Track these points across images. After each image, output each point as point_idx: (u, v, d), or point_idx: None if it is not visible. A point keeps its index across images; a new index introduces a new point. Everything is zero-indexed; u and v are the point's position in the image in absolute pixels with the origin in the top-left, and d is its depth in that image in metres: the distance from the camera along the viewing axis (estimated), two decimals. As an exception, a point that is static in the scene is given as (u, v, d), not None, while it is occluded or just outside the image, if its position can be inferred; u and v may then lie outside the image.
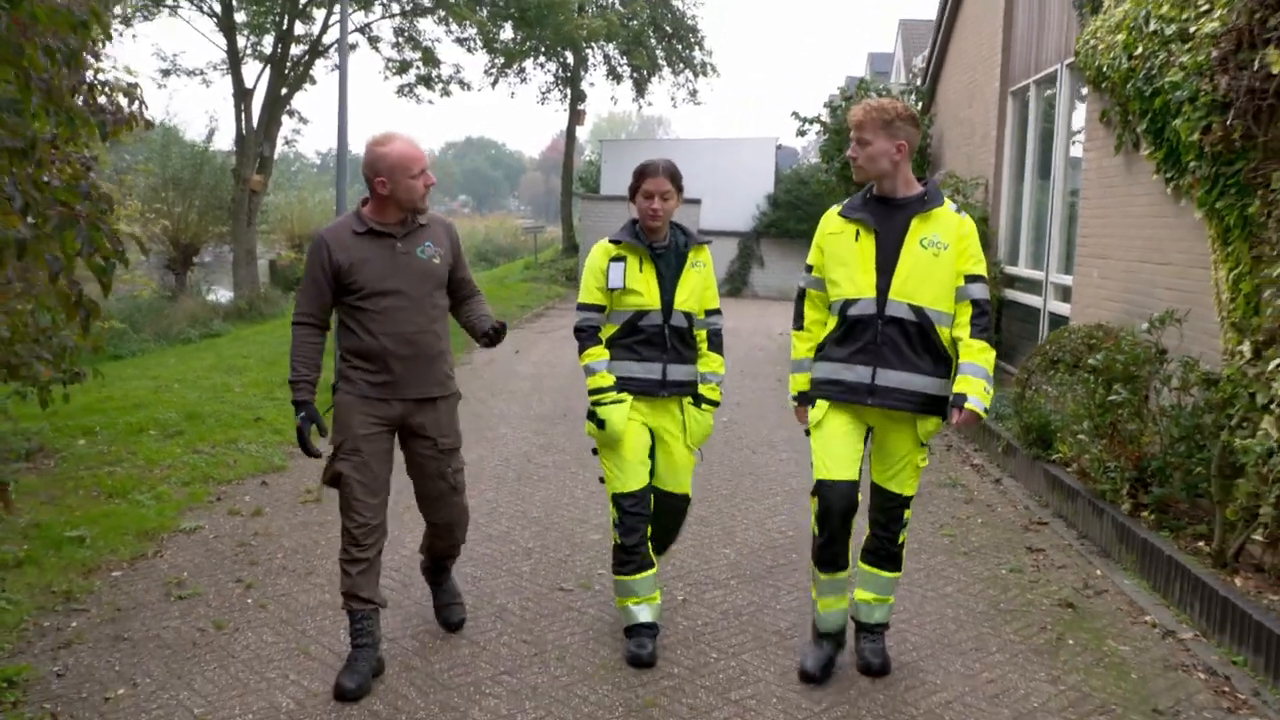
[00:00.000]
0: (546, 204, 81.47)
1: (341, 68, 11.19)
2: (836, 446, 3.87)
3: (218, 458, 7.30)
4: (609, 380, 4.10)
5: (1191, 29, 5.43)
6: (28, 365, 4.95)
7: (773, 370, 12.04)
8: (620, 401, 4.08)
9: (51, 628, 4.40)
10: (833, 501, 3.84)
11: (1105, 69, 6.85)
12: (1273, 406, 4.42)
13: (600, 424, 4.08)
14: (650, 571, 4.15)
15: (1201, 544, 5.06)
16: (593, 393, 4.11)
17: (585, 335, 4.18)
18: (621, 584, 4.16)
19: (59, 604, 4.66)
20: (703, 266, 4.23)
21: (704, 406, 4.26)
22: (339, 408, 3.94)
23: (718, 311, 4.35)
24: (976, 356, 3.77)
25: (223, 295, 26.05)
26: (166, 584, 4.93)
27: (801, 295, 4.11)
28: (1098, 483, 5.87)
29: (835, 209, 4.00)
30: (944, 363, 3.85)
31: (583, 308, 4.20)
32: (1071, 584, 5.17)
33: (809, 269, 4.06)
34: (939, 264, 3.78)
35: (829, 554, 3.92)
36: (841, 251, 3.88)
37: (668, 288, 4.13)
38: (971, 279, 3.82)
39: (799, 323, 4.11)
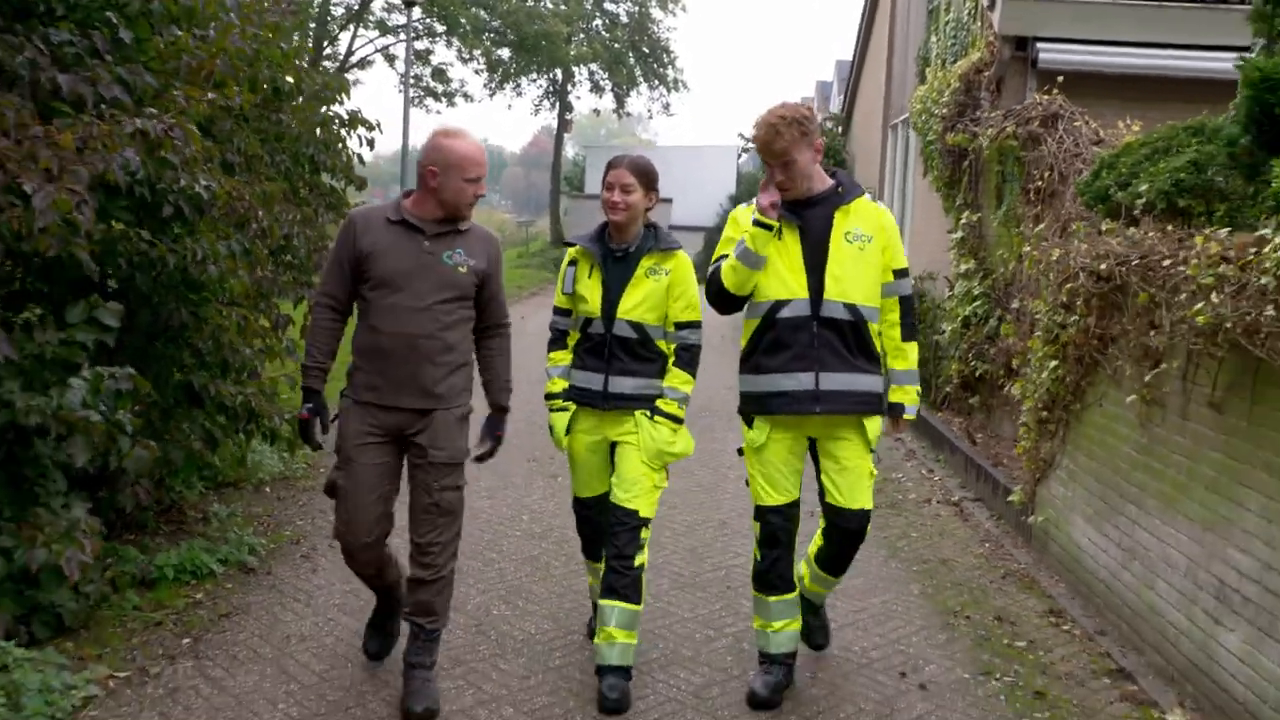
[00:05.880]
0: (528, 199, 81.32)
1: (405, 83, 15.01)
2: (776, 474, 3.77)
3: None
4: (558, 386, 4.00)
5: (936, 110, 9.42)
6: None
7: (719, 330, 16.06)
8: (564, 410, 3.97)
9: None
10: (776, 526, 3.77)
11: (915, 122, 10.84)
12: (949, 312, 8.44)
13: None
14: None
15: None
16: (545, 397, 4.06)
17: (551, 338, 4.10)
18: (587, 564, 4.36)
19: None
20: (663, 275, 3.87)
21: (658, 419, 3.86)
22: (341, 415, 3.73)
23: (692, 325, 3.91)
24: (910, 362, 3.79)
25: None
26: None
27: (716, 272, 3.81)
28: (889, 375, 9.89)
29: (747, 206, 3.74)
30: (875, 360, 3.74)
31: (554, 310, 4.13)
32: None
33: (722, 259, 3.79)
34: (865, 258, 3.64)
35: (774, 576, 3.81)
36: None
37: (611, 296, 3.86)
38: (900, 274, 3.74)
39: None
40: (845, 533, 3.79)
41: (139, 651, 4.14)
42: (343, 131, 7.11)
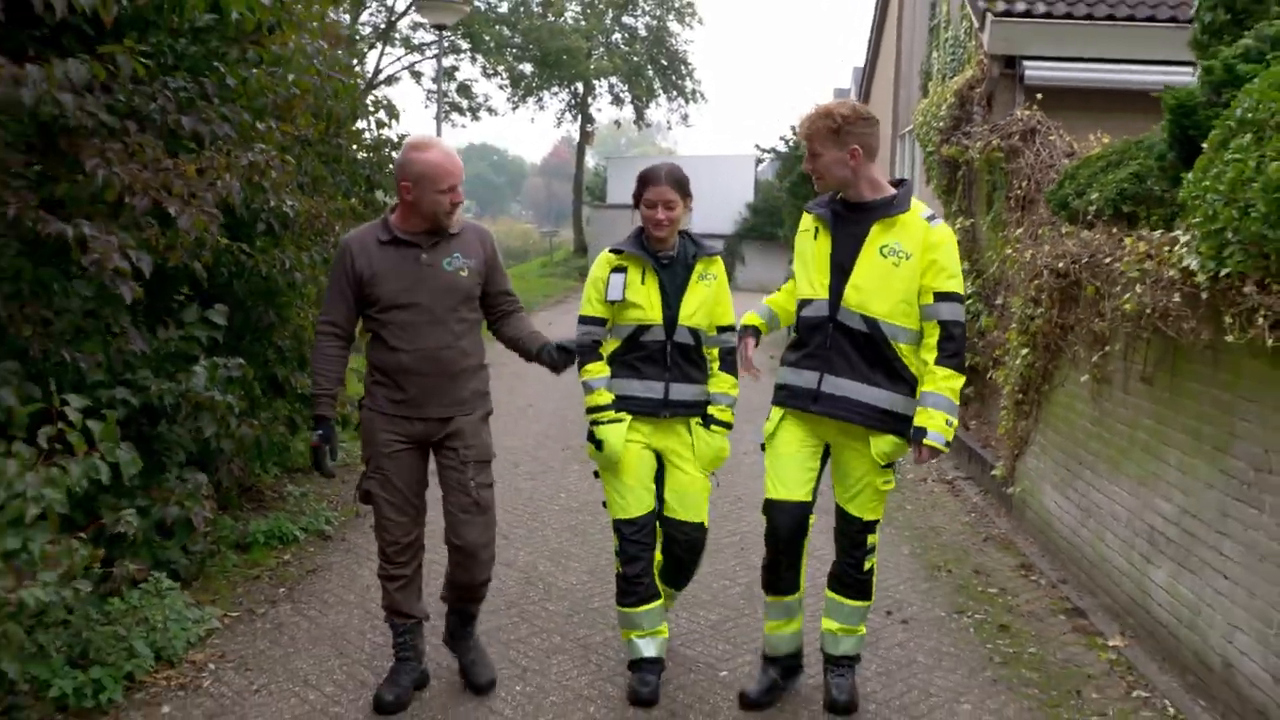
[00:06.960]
0: (549, 208, 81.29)
1: (438, 99, 15.82)
2: (786, 466, 3.78)
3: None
4: (607, 398, 3.90)
5: (934, 123, 10.15)
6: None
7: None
8: (619, 421, 3.88)
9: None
10: (779, 523, 3.76)
11: (918, 134, 11.57)
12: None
13: (599, 444, 3.89)
14: (655, 603, 3.98)
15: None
16: (589, 411, 3.93)
17: (585, 349, 3.94)
18: (624, 616, 4.00)
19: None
20: (713, 279, 3.95)
21: (714, 428, 3.97)
22: (364, 424, 3.83)
23: (732, 328, 4.01)
24: (940, 386, 3.53)
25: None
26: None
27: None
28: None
29: (812, 214, 3.81)
30: (901, 380, 3.61)
31: (583, 320, 3.99)
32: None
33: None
34: (899, 274, 3.53)
35: (773, 576, 3.87)
36: (804, 249, 3.76)
37: (671, 302, 3.87)
38: (942, 297, 3.54)
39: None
40: (846, 534, 3.81)
41: (244, 598, 4.94)
42: (393, 154, 7.93)
